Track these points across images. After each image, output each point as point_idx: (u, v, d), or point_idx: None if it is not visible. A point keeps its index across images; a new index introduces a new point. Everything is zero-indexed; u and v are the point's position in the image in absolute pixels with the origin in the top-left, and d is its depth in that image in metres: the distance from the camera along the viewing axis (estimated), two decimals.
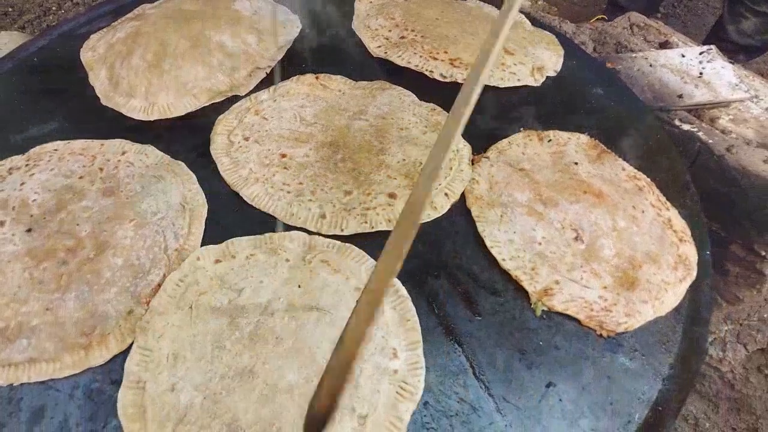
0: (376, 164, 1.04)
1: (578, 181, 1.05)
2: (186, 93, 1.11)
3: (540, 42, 1.34)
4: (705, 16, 2.68)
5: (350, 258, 0.91)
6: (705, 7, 2.70)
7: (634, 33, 1.50)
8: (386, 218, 0.97)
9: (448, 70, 1.23)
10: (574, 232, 0.98)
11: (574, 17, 2.53)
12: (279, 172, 1.02)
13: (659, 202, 1.07)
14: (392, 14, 1.34)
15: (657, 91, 1.35)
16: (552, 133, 1.14)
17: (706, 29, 2.50)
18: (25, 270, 0.86)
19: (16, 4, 1.65)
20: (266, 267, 0.89)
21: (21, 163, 1.00)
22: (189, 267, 0.88)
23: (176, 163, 1.02)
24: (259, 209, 0.98)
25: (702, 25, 2.63)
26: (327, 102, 1.15)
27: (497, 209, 1.01)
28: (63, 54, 1.23)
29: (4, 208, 0.93)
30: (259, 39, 1.22)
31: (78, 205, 0.93)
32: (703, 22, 2.66)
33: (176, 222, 0.93)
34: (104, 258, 0.88)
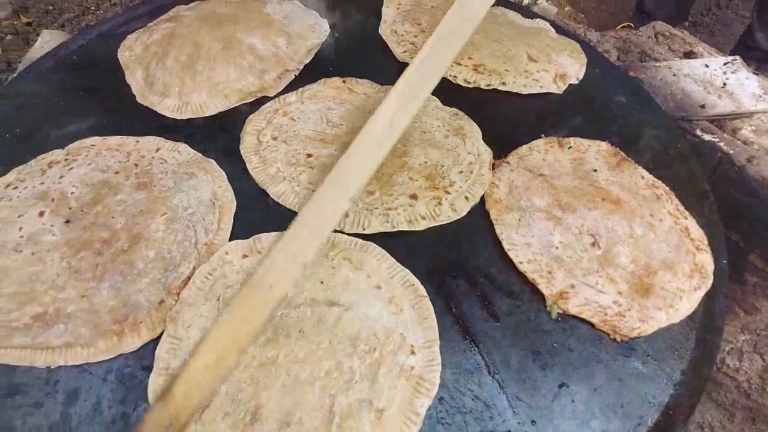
0: (398, 166, 1.07)
1: (597, 188, 1.07)
2: (217, 93, 1.15)
3: (564, 50, 1.36)
4: (734, 25, 2.67)
5: (372, 256, 0.95)
6: (734, 16, 2.68)
7: (659, 42, 1.51)
8: (407, 218, 1.00)
9: (472, 75, 1.26)
10: (591, 237, 1.00)
11: (602, 24, 2.54)
12: (305, 171, 1.06)
13: (677, 211, 1.09)
14: (418, 20, 1.37)
15: (679, 101, 1.36)
16: (573, 140, 1.16)
17: (735, 38, 2.48)
18: (63, 259, 0.91)
19: (56, 2, 1.71)
20: None
21: (61, 157, 1.05)
22: (217, 261, 0.92)
23: (207, 161, 1.06)
24: (286, 207, 1.02)
25: (730, 33, 2.61)
26: (352, 105, 1.18)
27: (516, 213, 1.03)
28: (101, 53, 1.28)
29: (45, 200, 0.98)
30: (289, 42, 1.25)
31: (113, 199, 0.98)
32: (732, 31, 2.64)
33: (206, 217, 0.97)
34: (137, 250, 0.92)
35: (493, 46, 1.30)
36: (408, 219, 1.00)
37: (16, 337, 0.84)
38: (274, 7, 1.33)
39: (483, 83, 1.25)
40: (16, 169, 1.04)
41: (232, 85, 1.17)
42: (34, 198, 0.99)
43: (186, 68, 1.17)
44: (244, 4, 1.32)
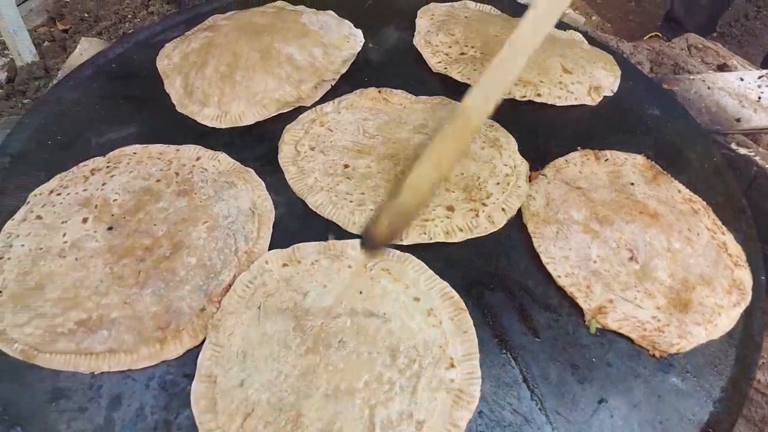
0: None
1: (634, 202, 1.07)
2: (256, 103, 1.17)
3: (597, 61, 1.36)
4: (762, 36, 2.65)
5: (410, 267, 0.95)
6: (762, 26, 2.66)
7: (692, 54, 1.50)
8: (444, 230, 1.00)
9: None
10: (629, 251, 1.00)
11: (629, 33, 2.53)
12: (342, 181, 1.06)
13: (715, 226, 1.08)
14: (453, 31, 1.38)
15: (714, 114, 1.35)
16: (609, 153, 1.16)
17: (763, 49, 2.47)
18: (106, 265, 0.92)
19: (92, 10, 1.74)
20: (330, 272, 0.93)
21: (102, 164, 1.07)
22: (258, 269, 0.93)
23: (246, 170, 1.07)
24: (323, 216, 1.02)
25: (759, 44, 2.59)
26: (388, 115, 1.19)
27: (553, 226, 1.03)
28: (140, 61, 1.30)
29: (87, 206, 1.00)
30: (325, 52, 1.27)
31: (155, 206, 0.99)
32: (760, 42, 2.62)
33: (246, 226, 0.98)
34: (179, 257, 0.93)
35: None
36: (445, 230, 1.00)
37: (60, 342, 0.86)
38: (309, 18, 1.34)
39: (518, 94, 1.25)
40: (59, 176, 1.06)
41: (270, 95, 1.18)
42: (77, 204, 1.00)
43: (225, 78, 1.18)
44: (280, 15, 1.34)
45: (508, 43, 0.96)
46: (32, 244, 0.96)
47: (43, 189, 1.04)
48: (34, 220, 0.99)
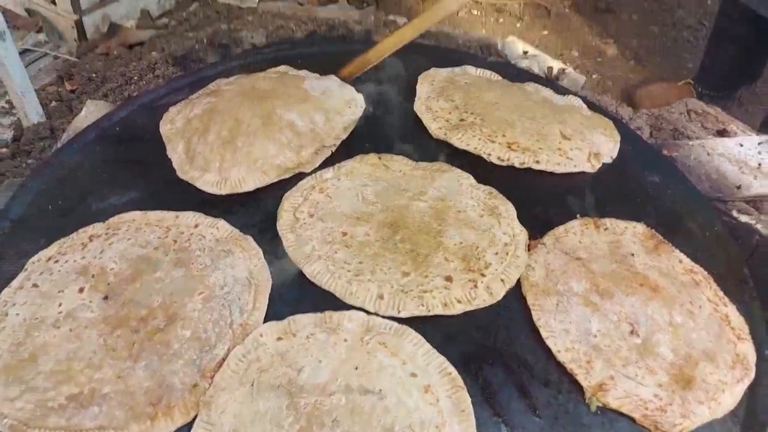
0: (434, 246, 1.07)
1: (634, 273, 1.06)
2: (256, 169, 1.17)
3: (596, 127, 1.37)
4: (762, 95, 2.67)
5: (407, 341, 0.94)
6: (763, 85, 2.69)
7: (692, 119, 1.52)
8: (442, 302, 0.99)
9: (506, 153, 1.27)
10: (629, 325, 0.98)
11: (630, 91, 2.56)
12: (340, 249, 1.06)
13: (716, 297, 1.07)
14: (452, 97, 1.39)
15: (714, 181, 1.35)
16: (609, 222, 1.16)
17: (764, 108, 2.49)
18: (100, 336, 0.92)
19: (100, 70, 1.78)
20: (325, 346, 0.91)
21: (101, 231, 1.07)
22: (252, 343, 0.92)
23: (244, 238, 1.07)
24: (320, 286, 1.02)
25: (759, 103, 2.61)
26: (388, 182, 1.19)
27: (553, 298, 1.02)
28: (143, 125, 1.32)
29: (84, 275, 1.00)
30: (326, 118, 1.28)
31: (152, 276, 0.99)
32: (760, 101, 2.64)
33: (242, 296, 0.98)
34: (173, 329, 0.92)
35: (527, 124, 1.32)
36: (443, 302, 0.99)
37: (51, 417, 0.84)
38: (311, 83, 1.36)
39: (517, 161, 1.26)
40: (58, 242, 1.06)
41: (271, 161, 1.19)
42: (74, 273, 1.00)
43: (226, 144, 1.19)
44: (283, 79, 1.36)
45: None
46: (27, 314, 0.95)
47: (42, 256, 1.04)
48: (31, 288, 0.99)
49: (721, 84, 2.37)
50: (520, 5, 3.04)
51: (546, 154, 1.27)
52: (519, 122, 1.32)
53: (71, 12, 2.08)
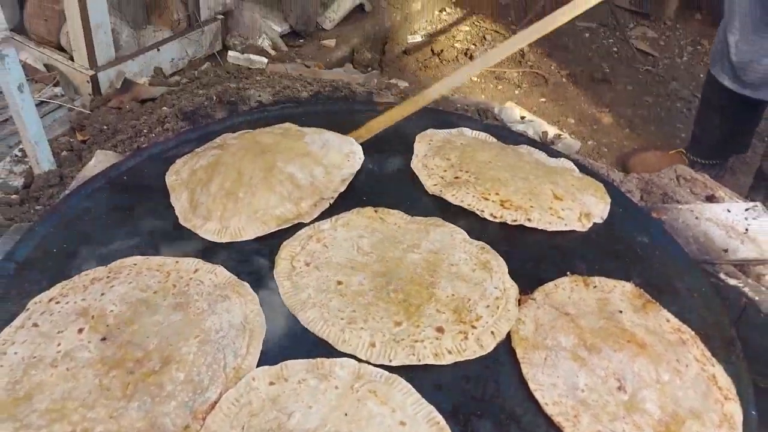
0: (426, 297, 1.10)
1: (622, 330, 1.08)
2: (256, 219, 1.21)
3: (588, 189, 1.41)
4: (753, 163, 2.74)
5: (397, 390, 0.95)
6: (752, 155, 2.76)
7: (681, 185, 1.56)
8: (433, 352, 1.01)
9: (499, 210, 1.31)
10: (617, 381, 1.00)
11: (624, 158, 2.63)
12: (335, 298, 1.09)
13: (704, 357, 1.09)
14: (448, 155, 1.45)
15: (702, 244, 1.39)
16: (597, 280, 1.19)
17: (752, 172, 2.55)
18: (96, 376, 0.93)
19: (111, 123, 1.85)
20: (316, 392, 0.93)
21: (103, 274, 1.10)
22: (244, 387, 0.93)
23: (241, 284, 1.10)
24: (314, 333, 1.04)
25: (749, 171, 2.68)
26: (383, 234, 1.23)
27: (542, 352, 1.04)
28: (150, 175, 1.36)
29: (84, 316, 1.02)
30: (325, 172, 1.33)
31: (150, 319, 1.01)
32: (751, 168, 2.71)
33: (236, 341, 1.00)
34: (168, 371, 0.94)
35: (520, 183, 1.37)
36: (434, 352, 1.01)
37: None
38: (312, 138, 1.42)
39: (509, 218, 1.30)
40: (60, 284, 1.09)
41: (271, 212, 1.23)
42: (74, 314, 1.02)
43: (229, 194, 1.24)
44: (285, 134, 1.42)
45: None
46: (26, 353, 0.97)
47: (44, 297, 1.07)
48: (31, 328, 1.01)
49: (712, 153, 2.44)
50: (519, 73, 3.16)
51: (538, 212, 1.31)
52: (512, 181, 1.37)
53: (88, 68, 2.18)
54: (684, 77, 3.31)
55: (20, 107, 1.57)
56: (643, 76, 3.30)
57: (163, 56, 2.42)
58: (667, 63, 3.43)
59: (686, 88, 3.22)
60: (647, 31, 3.69)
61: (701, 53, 3.58)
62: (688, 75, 3.34)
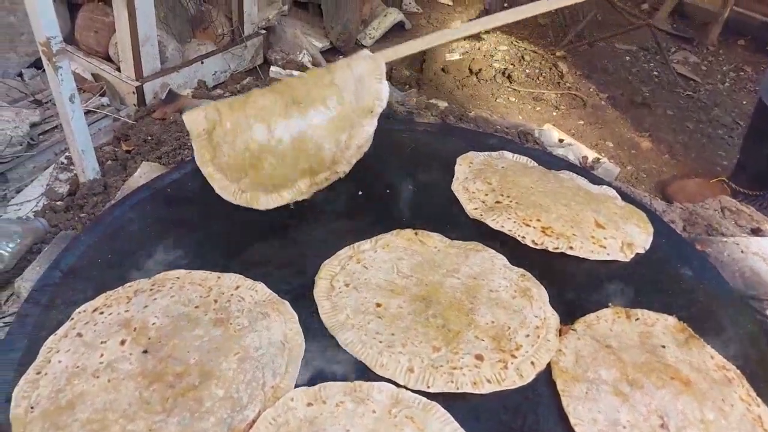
0: (465, 323, 1.09)
1: (665, 365, 1.06)
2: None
3: (630, 218, 1.39)
4: None
5: (435, 417, 0.94)
6: None
7: (725, 216, 1.53)
8: (472, 380, 1.00)
9: (540, 237, 1.30)
10: (659, 419, 0.98)
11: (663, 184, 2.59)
12: (373, 320, 1.08)
13: (749, 397, 1.05)
14: (489, 179, 1.44)
15: (748, 279, 1.35)
16: (640, 312, 1.16)
17: None
18: (137, 389, 0.94)
19: (155, 134, 1.88)
20: (353, 416, 0.92)
21: (146, 286, 1.12)
22: (282, 407, 0.93)
23: (281, 302, 1.11)
24: (353, 355, 1.04)
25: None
26: (423, 257, 1.23)
27: (582, 385, 1.02)
28: (193, 188, 1.38)
29: (127, 328, 1.03)
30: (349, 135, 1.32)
31: (191, 333, 1.02)
32: None
33: (275, 360, 1.00)
34: (207, 387, 0.95)
35: (562, 210, 1.35)
36: (473, 381, 1.00)
37: None
38: (343, 77, 1.34)
39: (551, 246, 1.28)
40: (104, 294, 1.11)
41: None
42: (117, 325, 1.04)
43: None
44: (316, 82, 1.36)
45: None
46: (70, 362, 0.99)
47: (88, 306, 1.09)
48: (75, 337, 1.03)
49: (756, 184, 2.39)
50: (557, 95, 3.14)
51: (580, 240, 1.29)
52: (554, 208, 1.35)
53: (134, 79, 2.23)
54: (726, 104, 3.25)
55: (70, 117, 1.61)
56: (684, 101, 3.25)
57: (206, 69, 2.47)
58: (709, 89, 3.37)
59: (728, 115, 3.16)
60: (689, 56, 3.64)
61: (744, 80, 3.51)
62: (730, 101, 3.28)
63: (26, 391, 0.95)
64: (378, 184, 1.44)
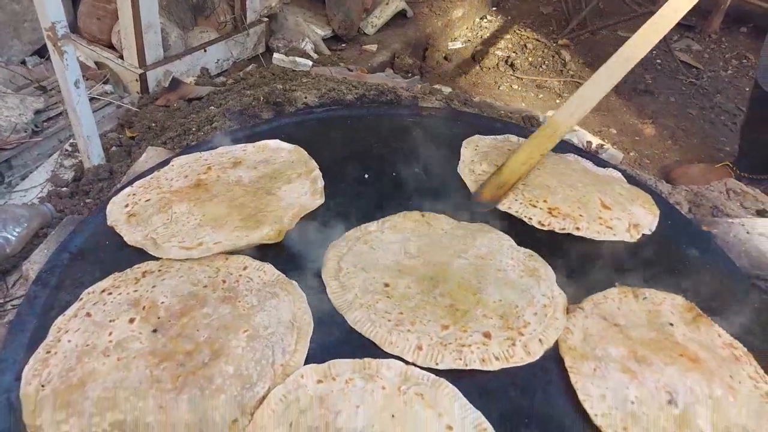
0: (473, 302, 1.09)
1: (674, 343, 1.06)
2: None
3: (636, 200, 1.39)
4: None
5: (444, 394, 0.95)
6: None
7: (731, 198, 1.53)
8: (480, 357, 1.01)
9: (546, 218, 1.29)
10: (668, 394, 0.98)
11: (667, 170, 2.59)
12: (382, 300, 1.09)
13: (757, 374, 1.06)
14: (496, 161, 1.44)
15: (754, 259, 1.35)
16: (647, 291, 1.16)
17: None
18: (147, 367, 0.95)
19: (160, 120, 1.88)
20: (363, 393, 0.93)
21: (155, 267, 1.12)
22: (293, 384, 0.94)
23: (290, 283, 1.11)
24: (361, 333, 1.04)
25: None
26: (430, 238, 1.23)
27: (591, 362, 1.02)
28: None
29: (136, 307, 1.04)
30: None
31: (200, 312, 1.03)
32: None
33: (285, 338, 1.00)
34: (217, 365, 0.95)
35: (568, 192, 1.35)
36: (481, 358, 1.00)
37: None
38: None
39: (557, 227, 1.28)
40: (113, 276, 1.11)
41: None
42: (126, 304, 1.04)
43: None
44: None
45: (604, 67, 1.40)
46: (80, 341, 0.99)
47: (96, 287, 1.09)
48: (84, 317, 1.03)
49: (759, 168, 2.39)
50: (560, 83, 3.13)
51: (586, 221, 1.29)
52: (560, 189, 1.35)
53: (137, 66, 2.23)
54: (728, 91, 3.25)
55: (75, 102, 1.61)
56: (687, 88, 3.24)
57: (209, 57, 2.47)
58: (711, 76, 3.37)
59: (731, 102, 3.15)
60: (692, 43, 3.63)
61: (746, 67, 3.51)
62: (732, 88, 3.28)
63: (37, 370, 0.95)
64: (384, 167, 1.44)
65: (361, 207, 1.31)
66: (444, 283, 1.13)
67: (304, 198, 1.29)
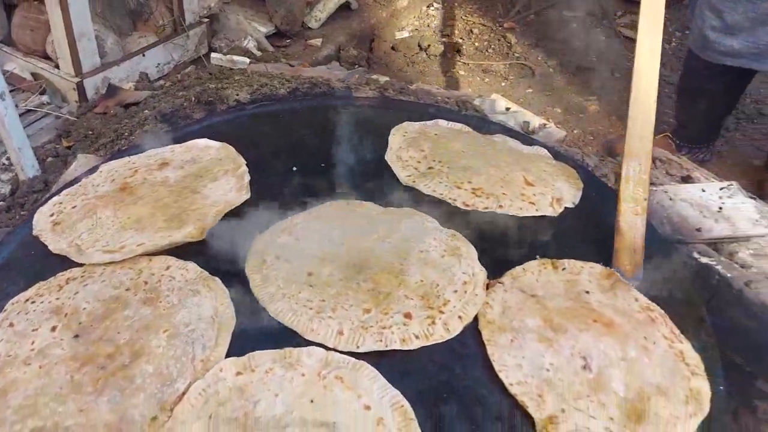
0: (395, 284, 1.11)
1: (589, 310, 1.09)
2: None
3: (560, 175, 1.42)
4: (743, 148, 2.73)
5: (363, 375, 0.97)
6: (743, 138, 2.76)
7: (657, 167, 1.57)
8: (400, 337, 1.03)
9: (471, 199, 1.32)
10: (582, 360, 1.01)
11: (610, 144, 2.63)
12: (305, 289, 1.10)
13: (672, 335, 1.09)
14: (422, 146, 1.46)
15: (675, 224, 1.39)
16: (567, 262, 1.20)
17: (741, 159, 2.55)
18: (68, 373, 0.95)
19: (96, 128, 1.87)
20: (282, 381, 0.94)
21: (78, 274, 1.12)
22: (212, 378, 0.95)
23: (212, 279, 1.12)
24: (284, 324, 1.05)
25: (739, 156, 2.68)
26: (355, 225, 1.24)
27: (508, 334, 1.05)
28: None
29: (58, 315, 1.04)
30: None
31: (121, 314, 1.03)
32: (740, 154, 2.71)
33: (205, 334, 1.02)
34: (138, 365, 0.96)
35: (492, 171, 1.38)
36: (401, 338, 1.03)
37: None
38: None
39: (481, 206, 1.31)
40: (37, 285, 1.11)
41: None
42: (49, 312, 1.05)
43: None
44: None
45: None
46: (2, 351, 0.99)
47: (21, 297, 1.09)
48: (7, 327, 1.03)
49: (698, 137, 2.44)
50: (506, 66, 3.17)
51: (509, 199, 1.32)
52: (484, 169, 1.38)
53: (74, 75, 2.21)
54: (672, 63, 3.30)
55: (3, 115, 1.60)
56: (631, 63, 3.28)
57: (148, 61, 2.45)
58: None
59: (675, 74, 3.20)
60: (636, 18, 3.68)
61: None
62: (676, 60, 3.33)
63: None
64: (313, 159, 1.45)
65: (289, 199, 1.32)
66: (368, 268, 1.15)
67: (230, 194, 1.30)
